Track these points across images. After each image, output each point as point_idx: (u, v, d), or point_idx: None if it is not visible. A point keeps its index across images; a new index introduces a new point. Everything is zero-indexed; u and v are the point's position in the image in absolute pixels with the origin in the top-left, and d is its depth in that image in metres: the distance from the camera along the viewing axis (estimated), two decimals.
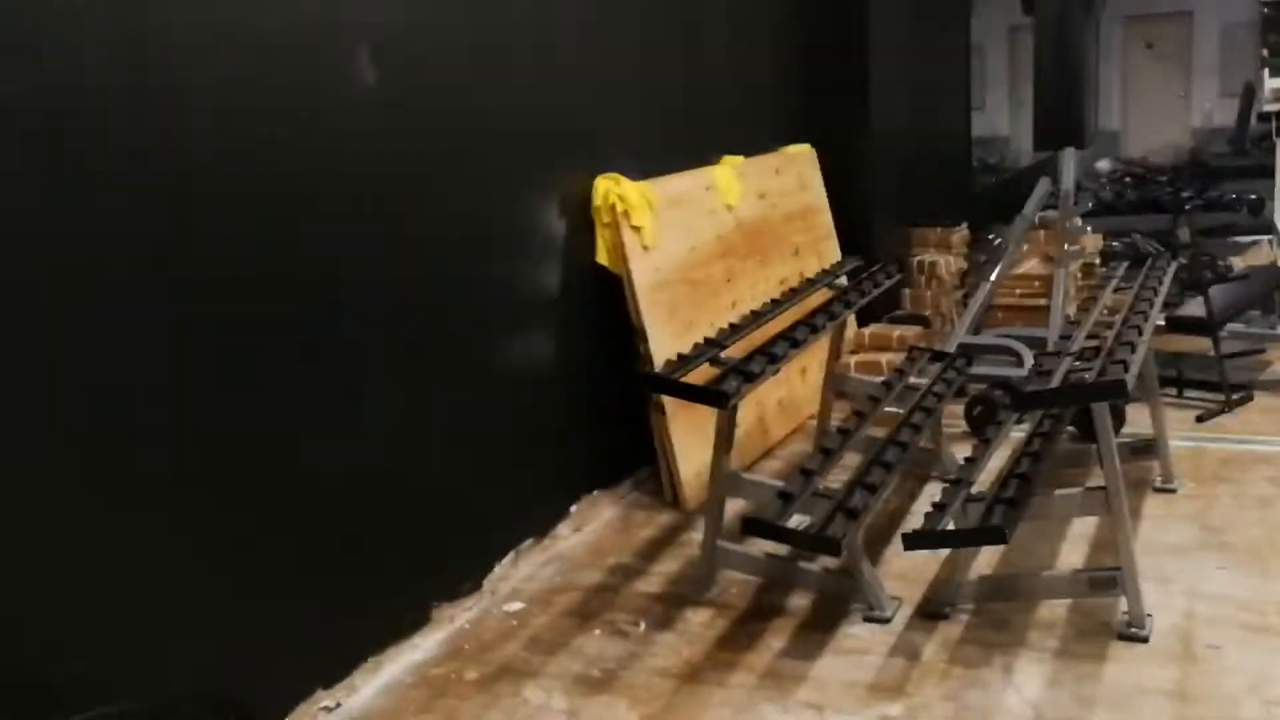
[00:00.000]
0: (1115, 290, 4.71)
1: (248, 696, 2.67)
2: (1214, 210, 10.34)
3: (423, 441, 3.46)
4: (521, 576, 3.88)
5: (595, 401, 4.34)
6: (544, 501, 4.15)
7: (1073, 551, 3.83)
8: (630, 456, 4.56)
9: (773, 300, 4.20)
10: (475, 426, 3.70)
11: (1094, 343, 3.53)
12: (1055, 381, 3.14)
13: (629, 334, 4.31)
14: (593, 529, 4.28)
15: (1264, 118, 15.92)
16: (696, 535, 4.13)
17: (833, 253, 5.81)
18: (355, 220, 3.16)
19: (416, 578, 3.47)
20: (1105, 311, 4.32)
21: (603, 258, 4.24)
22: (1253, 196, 10.66)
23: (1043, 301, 6.12)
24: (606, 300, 4.30)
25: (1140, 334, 3.52)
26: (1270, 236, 8.52)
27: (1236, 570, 3.62)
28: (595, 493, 4.40)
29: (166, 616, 2.63)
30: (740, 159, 5.16)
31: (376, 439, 3.27)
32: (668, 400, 4.25)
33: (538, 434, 4.05)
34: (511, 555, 3.90)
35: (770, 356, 3.61)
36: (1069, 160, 7.08)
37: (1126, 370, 3.08)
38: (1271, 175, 9.51)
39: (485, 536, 3.81)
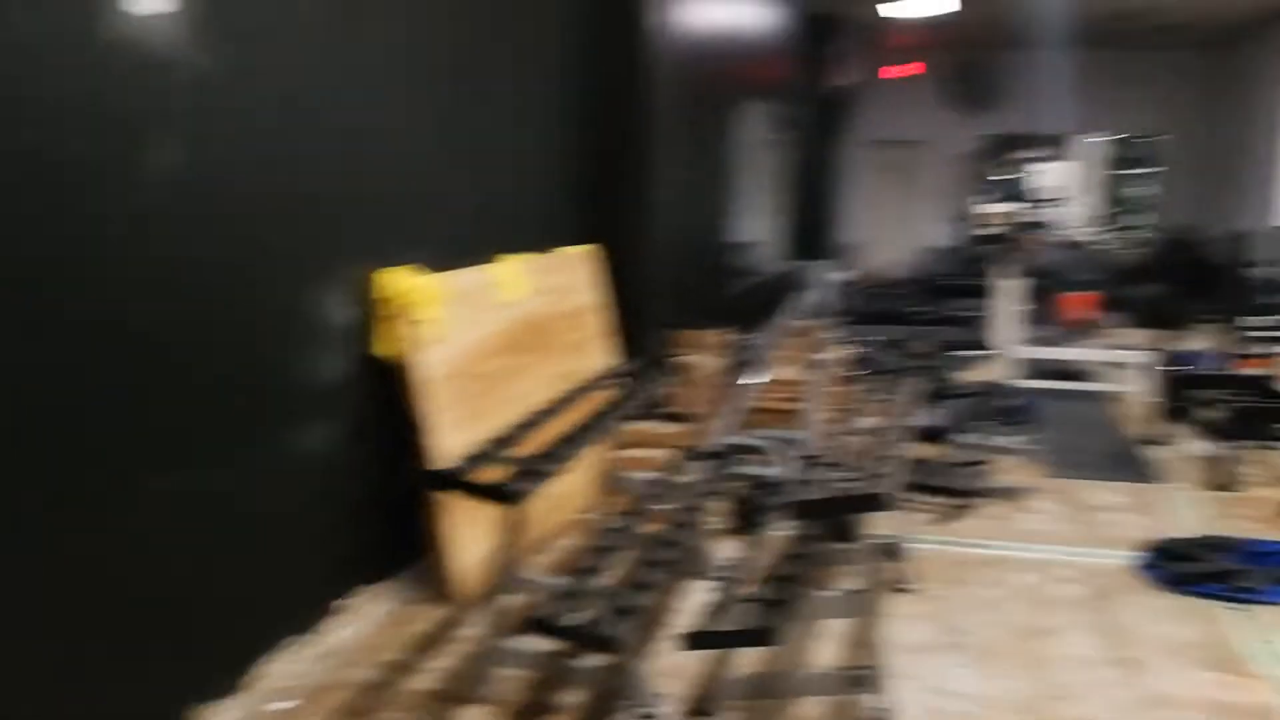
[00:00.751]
0: (867, 398, 5.08)
1: None
2: (942, 325, 11.26)
3: (190, 532, 3.33)
4: (290, 674, 3.77)
5: (369, 494, 4.29)
6: (314, 595, 4.05)
7: (827, 649, 4.06)
8: (403, 550, 4.52)
9: (558, 398, 4.31)
10: (245, 518, 3.60)
11: (855, 450, 3.81)
12: (827, 491, 3.37)
13: (408, 427, 4.30)
14: (364, 624, 4.20)
15: (980, 240, 17.56)
16: (470, 631, 4.14)
17: (609, 351, 5.99)
18: (127, 302, 3.07)
19: (176, 675, 3.32)
20: (858, 419, 4.65)
21: (387, 349, 4.23)
22: (973, 314, 11.67)
23: (796, 405, 6.48)
24: (388, 392, 4.29)
25: (898, 445, 3.82)
26: (993, 352, 9.33)
27: (974, 668, 3.93)
28: (367, 587, 4.33)
29: None
30: (524, 256, 5.28)
31: (140, 527, 3.13)
32: (443, 494, 4.26)
33: (309, 527, 3.97)
34: (279, 652, 3.78)
35: (558, 455, 3.70)
36: (820, 272, 7.57)
37: (890, 481, 3.34)
38: (990, 295, 10.47)
39: (253, 632, 3.68)
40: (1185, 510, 5.80)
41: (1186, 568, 4.78)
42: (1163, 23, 13.72)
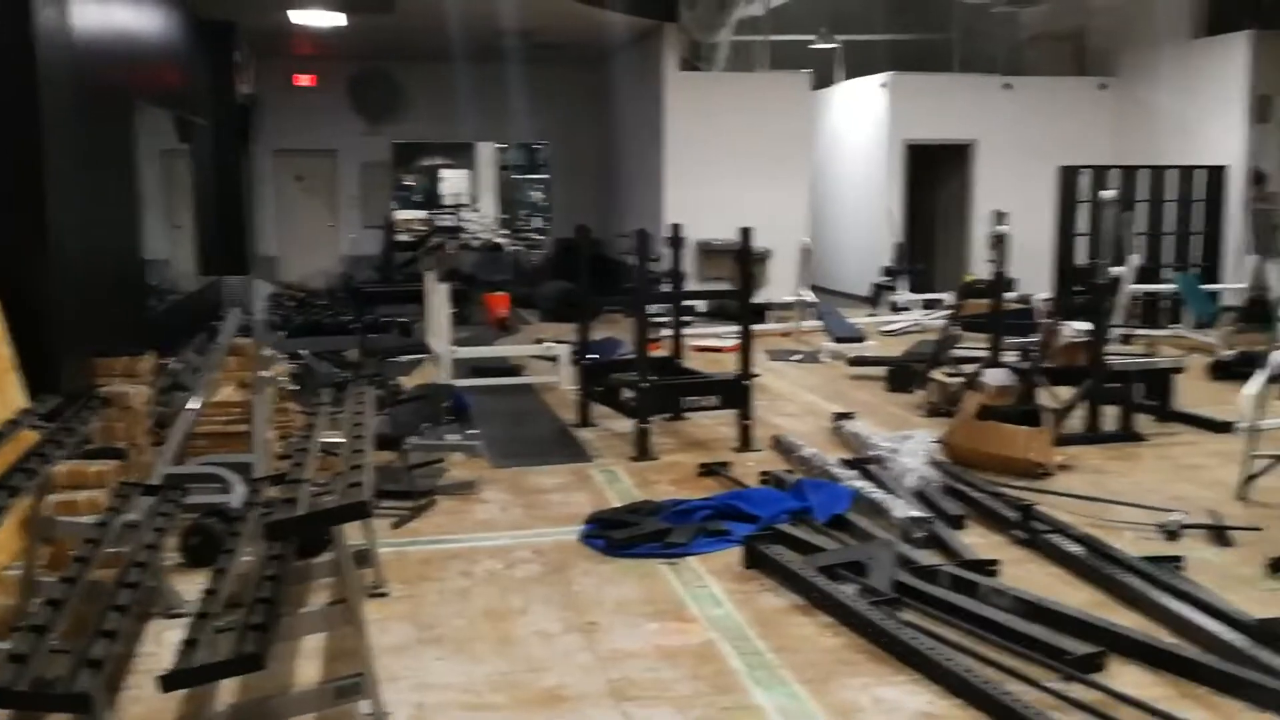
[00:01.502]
0: (313, 412, 5.07)
1: None
2: (370, 333, 11.37)
3: None
4: None
5: None
6: None
7: (307, 664, 4.01)
8: None
9: None
10: None
11: (313, 465, 3.80)
12: (303, 508, 3.33)
13: None
14: None
15: (401, 246, 17.99)
16: None
17: (17, 388, 5.39)
18: None
19: None
20: (311, 433, 4.63)
21: None
22: (403, 319, 11.95)
23: (243, 427, 6.26)
24: None
25: (365, 454, 3.87)
26: (429, 356, 9.64)
27: (451, 659, 4.09)
28: None
29: None
30: None
31: None
32: None
33: None
34: None
35: None
36: (244, 287, 7.40)
37: (364, 490, 3.38)
38: (418, 300, 10.80)
39: None
40: (616, 482, 6.43)
41: (623, 533, 5.31)
42: (542, 40, 14.89)
